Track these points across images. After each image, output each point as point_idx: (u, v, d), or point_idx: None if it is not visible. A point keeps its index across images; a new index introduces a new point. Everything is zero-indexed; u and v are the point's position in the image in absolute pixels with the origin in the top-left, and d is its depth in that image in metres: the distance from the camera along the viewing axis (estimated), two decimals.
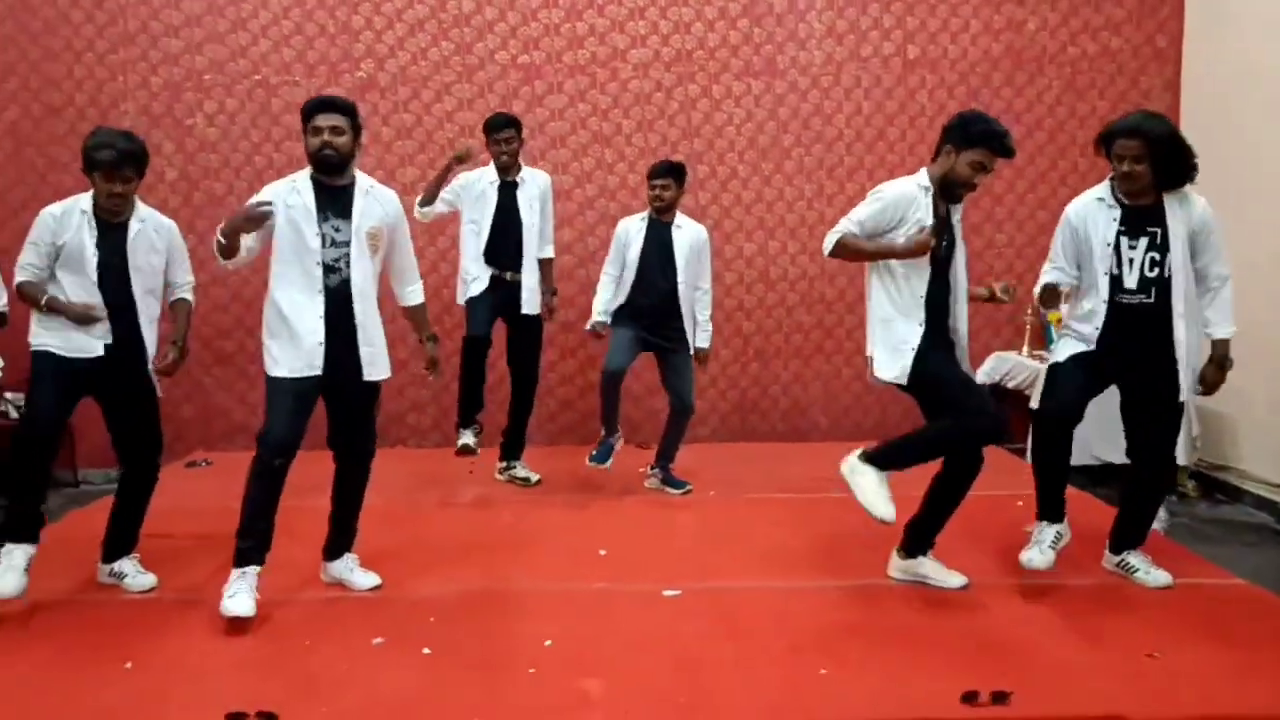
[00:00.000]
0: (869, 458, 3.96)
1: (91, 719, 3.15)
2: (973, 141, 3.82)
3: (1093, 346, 4.04)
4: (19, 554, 3.96)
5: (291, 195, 3.93)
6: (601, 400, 5.65)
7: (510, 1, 7.05)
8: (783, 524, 5.13)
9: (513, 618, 3.91)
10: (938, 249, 3.94)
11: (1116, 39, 7.12)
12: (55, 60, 6.95)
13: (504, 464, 6.11)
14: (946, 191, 3.96)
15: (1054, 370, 4.16)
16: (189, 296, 4.43)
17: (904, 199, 3.90)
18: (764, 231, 7.27)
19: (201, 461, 6.67)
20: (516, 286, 5.75)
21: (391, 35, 7.06)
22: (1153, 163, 3.86)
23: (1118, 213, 3.99)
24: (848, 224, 3.95)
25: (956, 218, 4.06)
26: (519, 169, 5.79)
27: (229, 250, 3.90)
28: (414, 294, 4.35)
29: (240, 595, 3.79)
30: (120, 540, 4.32)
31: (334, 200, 3.96)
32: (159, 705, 3.21)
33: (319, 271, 3.90)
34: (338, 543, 4.27)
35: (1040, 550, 4.11)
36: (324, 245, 3.92)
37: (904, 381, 3.92)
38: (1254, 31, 6.14)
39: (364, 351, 4.02)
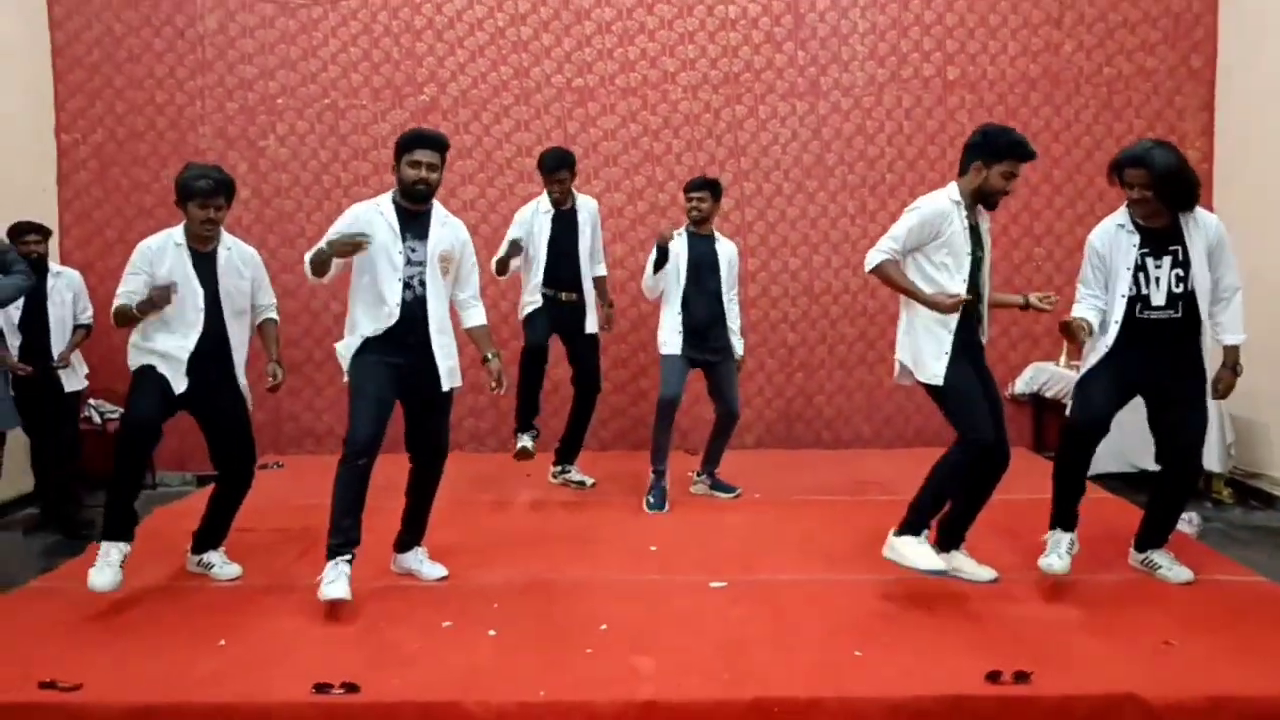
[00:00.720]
0: (900, 530, 4.17)
1: (192, 688, 3.46)
2: (1001, 155, 4.06)
3: (1109, 353, 4.24)
4: (115, 552, 4.25)
5: (376, 216, 4.29)
6: (657, 428, 5.84)
7: (566, 28, 7.41)
8: (825, 523, 5.39)
9: (570, 604, 4.20)
10: (975, 262, 4.17)
11: (1152, 59, 7.31)
12: (138, 87, 7.41)
13: (558, 467, 6.40)
14: (983, 202, 4.19)
15: (1083, 382, 4.37)
16: (274, 316, 4.80)
17: (939, 214, 4.12)
18: (808, 247, 7.54)
19: (273, 464, 7.05)
20: (574, 307, 6.05)
21: (453, 61, 7.44)
22: (1157, 190, 4.10)
23: (1137, 237, 4.21)
24: (890, 243, 4.17)
25: (985, 225, 4.29)
26: (572, 197, 6.09)
27: (321, 269, 4.24)
28: (476, 315, 4.65)
29: (337, 581, 4.10)
30: (211, 535, 4.68)
31: (413, 223, 4.32)
32: (253, 676, 3.53)
33: (398, 288, 4.25)
34: (409, 537, 4.61)
35: (1059, 556, 4.28)
36: (403, 264, 4.27)
37: (940, 384, 4.15)
38: None
39: (439, 363, 4.36)
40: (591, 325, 6.11)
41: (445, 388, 4.41)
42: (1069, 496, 4.38)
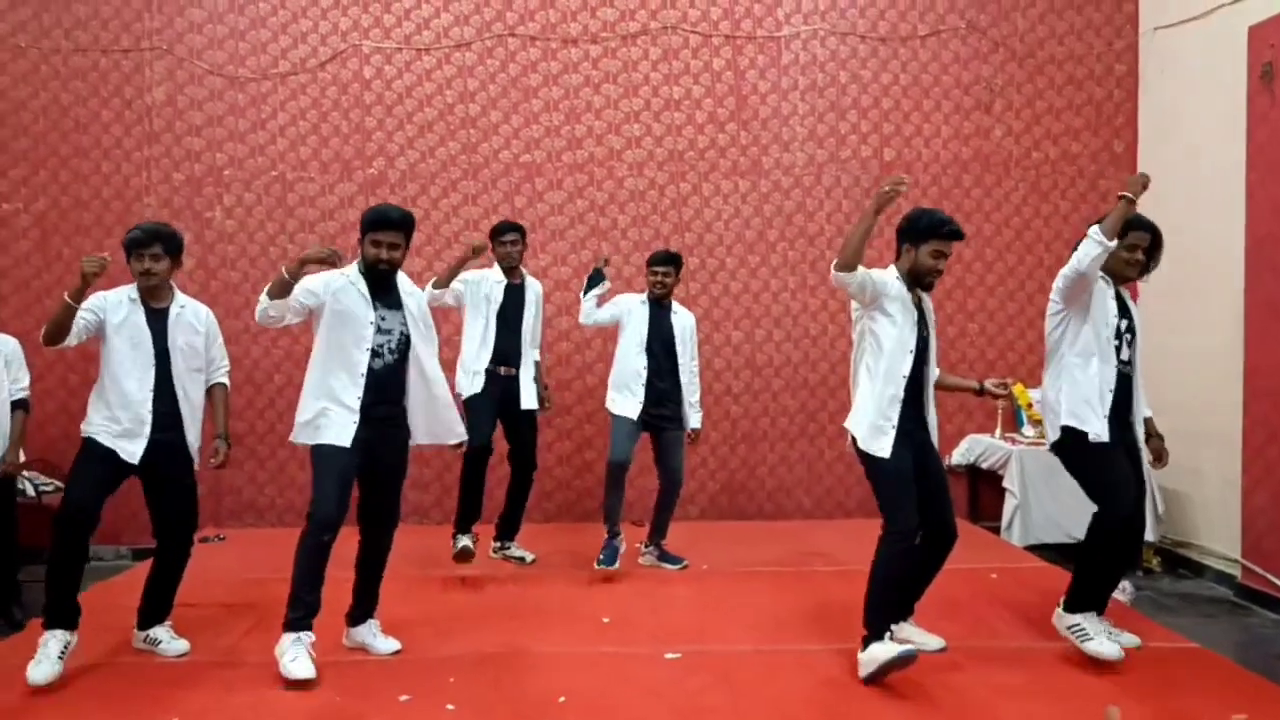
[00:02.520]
0: (866, 641, 4.16)
1: None
2: (925, 235, 4.25)
3: (1107, 412, 4.32)
4: (54, 643, 4.16)
5: (346, 284, 4.33)
6: (607, 493, 5.89)
7: (514, 105, 7.56)
8: (773, 595, 5.46)
9: (527, 677, 4.21)
10: (922, 341, 4.32)
11: (1076, 144, 7.67)
12: (84, 156, 7.38)
13: (499, 543, 6.34)
14: (917, 282, 4.35)
15: (1105, 473, 4.32)
16: (226, 381, 4.76)
17: (884, 279, 4.27)
18: (750, 320, 7.70)
19: (214, 537, 6.94)
20: (513, 381, 6.07)
21: (402, 135, 7.53)
22: (1150, 254, 4.41)
23: (1113, 291, 4.43)
24: None
25: (929, 306, 4.46)
26: (522, 274, 6.18)
27: (283, 290, 4.18)
28: None
29: (300, 659, 4.08)
30: (155, 608, 4.60)
31: (383, 292, 4.37)
32: None
33: (366, 356, 4.28)
34: (361, 609, 4.58)
35: (1109, 637, 4.31)
36: (373, 333, 4.31)
37: (886, 455, 4.24)
38: (1199, 139, 6.69)
39: (411, 425, 4.46)
40: (529, 401, 6.13)
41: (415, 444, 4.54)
42: (1105, 579, 4.42)
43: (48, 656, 4.12)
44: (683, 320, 6.08)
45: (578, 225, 7.63)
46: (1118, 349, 4.37)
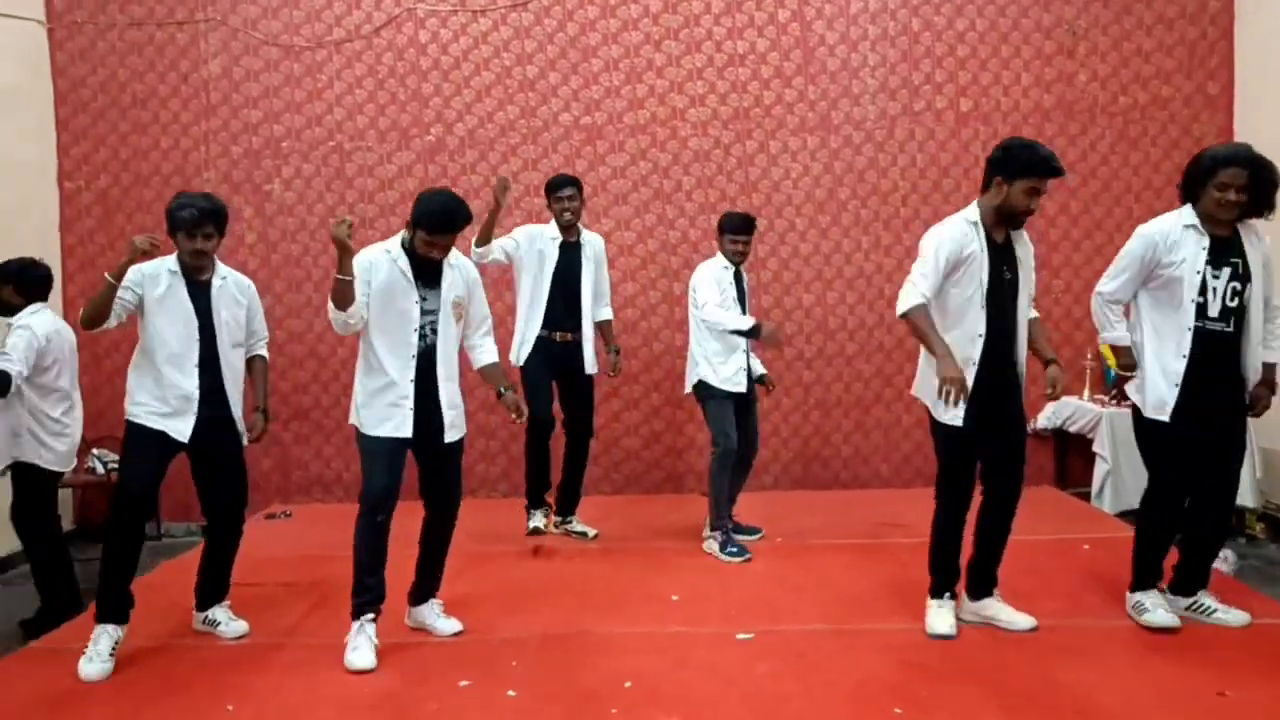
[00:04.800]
0: (932, 593, 4.17)
1: None
2: (1022, 171, 3.88)
3: (1179, 384, 4.05)
4: (105, 639, 4.08)
5: (388, 263, 4.11)
6: (715, 480, 5.57)
7: (573, 66, 7.33)
8: (849, 569, 5.22)
9: (592, 660, 4.04)
10: (1000, 286, 4.04)
11: (1167, 88, 7.22)
12: (143, 132, 7.33)
13: (560, 518, 6.15)
14: (1007, 221, 4.04)
15: (1164, 440, 4.14)
16: (265, 353, 4.66)
17: (953, 239, 3.97)
18: (822, 283, 7.41)
19: (280, 513, 6.89)
20: (572, 346, 5.85)
21: (459, 101, 7.35)
22: (1252, 190, 3.95)
23: (1207, 241, 4.04)
24: (923, 284, 3.99)
25: (1024, 246, 4.15)
26: (579, 231, 5.93)
27: (345, 298, 3.93)
28: (489, 353, 4.48)
29: (361, 649, 3.98)
30: (212, 589, 4.52)
31: (425, 269, 4.16)
32: None
33: (414, 338, 4.11)
34: (423, 588, 4.44)
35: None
36: (418, 314, 4.12)
37: (959, 424, 4.01)
38: None
39: (447, 414, 4.22)
40: (589, 366, 5.91)
41: (449, 439, 4.26)
42: (1164, 551, 4.28)
43: (99, 654, 4.04)
44: (746, 280, 5.84)
45: (641, 188, 7.39)
46: (1201, 306, 4.02)
